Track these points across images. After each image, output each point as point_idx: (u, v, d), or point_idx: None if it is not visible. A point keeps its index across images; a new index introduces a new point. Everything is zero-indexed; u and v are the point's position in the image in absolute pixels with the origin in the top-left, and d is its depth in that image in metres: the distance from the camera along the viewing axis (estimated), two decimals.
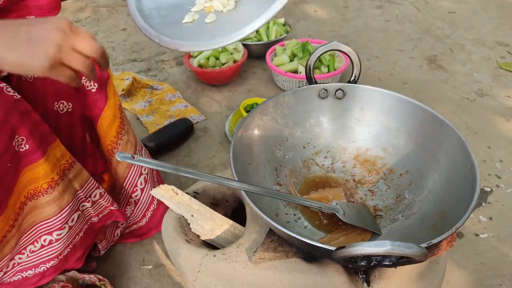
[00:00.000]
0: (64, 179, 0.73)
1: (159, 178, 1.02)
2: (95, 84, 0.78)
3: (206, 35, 0.64)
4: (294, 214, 0.78)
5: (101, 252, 0.99)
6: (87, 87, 0.78)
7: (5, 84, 0.62)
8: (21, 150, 0.64)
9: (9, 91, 0.62)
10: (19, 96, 0.64)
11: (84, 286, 0.94)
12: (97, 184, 0.81)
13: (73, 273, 0.92)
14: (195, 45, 0.64)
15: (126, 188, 0.91)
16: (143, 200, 0.95)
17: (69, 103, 0.77)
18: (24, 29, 0.51)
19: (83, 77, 0.76)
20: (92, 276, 0.93)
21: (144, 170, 0.93)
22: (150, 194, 0.95)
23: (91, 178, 0.79)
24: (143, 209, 0.97)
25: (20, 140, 0.64)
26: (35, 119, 0.66)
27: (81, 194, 0.78)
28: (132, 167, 0.89)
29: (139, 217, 0.98)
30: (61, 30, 0.51)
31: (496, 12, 2.33)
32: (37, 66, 0.50)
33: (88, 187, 0.79)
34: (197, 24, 0.67)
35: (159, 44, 0.64)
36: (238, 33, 0.60)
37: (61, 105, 0.76)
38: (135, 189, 0.92)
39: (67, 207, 0.75)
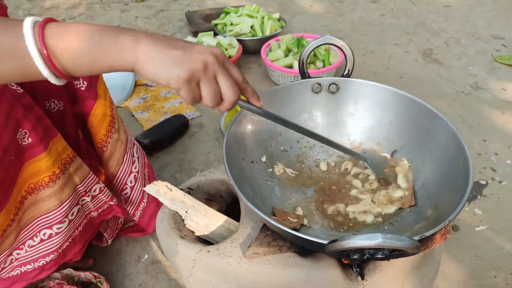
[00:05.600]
0: (65, 173, 0.74)
1: (151, 175, 1.02)
2: (85, 82, 0.78)
3: None
4: (288, 208, 0.78)
5: (108, 241, 0.99)
6: (76, 85, 0.77)
7: None
8: (24, 143, 0.65)
9: (12, 85, 0.63)
10: (22, 90, 0.64)
11: (79, 283, 0.93)
12: (97, 179, 0.82)
13: (68, 271, 0.92)
14: None
15: (116, 185, 0.91)
16: (133, 198, 0.94)
17: (60, 102, 0.77)
18: (181, 42, 0.52)
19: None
20: (88, 273, 0.93)
21: (135, 168, 0.92)
22: (140, 192, 0.95)
23: (91, 173, 0.80)
24: (133, 208, 0.97)
25: (24, 133, 0.64)
26: (38, 113, 0.67)
27: (81, 188, 0.79)
28: (123, 165, 0.89)
29: (130, 214, 0.98)
30: (214, 55, 0.52)
31: (491, 5, 2.33)
32: (175, 73, 0.49)
33: (88, 181, 0.80)
34: None
35: None
36: None
37: (52, 103, 0.76)
38: (125, 187, 0.91)
39: (68, 201, 0.76)
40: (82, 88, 0.78)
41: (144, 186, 0.95)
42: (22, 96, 0.64)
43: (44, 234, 0.76)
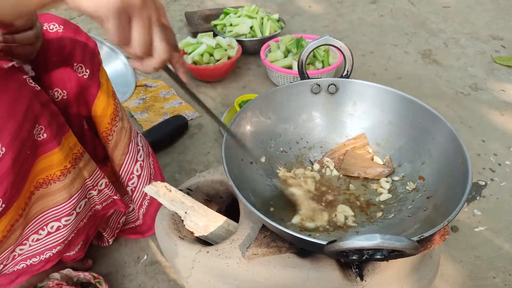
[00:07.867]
0: (75, 168, 0.75)
1: (156, 166, 1.02)
2: (87, 70, 0.79)
3: None
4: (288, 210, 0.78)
5: (109, 241, 1.00)
6: (79, 73, 0.78)
7: (27, 76, 0.65)
8: (39, 139, 0.67)
9: (31, 83, 0.65)
10: (39, 88, 0.66)
11: (79, 284, 0.93)
12: (103, 174, 0.83)
13: (67, 271, 0.92)
14: None
15: (122, 176, 0.91)
16: (140, 187, 0.95)
17: (64, 91, 0.78)
18: None
19: (76, 64, 0.76)
20: (87, 274, 0.93)
21: (140, 156, 0.93)
22: (147, 181, 0.96)
23: (98, 168, 0.82)
24: (140, 198, 0.97)
25: (40, 129, 0.66)
26: (53, 110, 0.68)
27: (89, 182, 0.80)
28: (128, 154, 0.89)
29: (137, 207, 0.99)
30: (155, 4, 0.47)
31: (491, 5, 2.33)
32: (106, 2, 0.42)
33: (95, 176, 0.82)
34: None
35: None
36: None
37: (55, 93, 0.77)
38: (131, 177, 0.92)
39: (76, 194, 0.78)
40: (85, 77, 0.78)
41: (150, 174, 0.97)
42: (40, 93, 0.66)
43: (51, 227, 0.78)
